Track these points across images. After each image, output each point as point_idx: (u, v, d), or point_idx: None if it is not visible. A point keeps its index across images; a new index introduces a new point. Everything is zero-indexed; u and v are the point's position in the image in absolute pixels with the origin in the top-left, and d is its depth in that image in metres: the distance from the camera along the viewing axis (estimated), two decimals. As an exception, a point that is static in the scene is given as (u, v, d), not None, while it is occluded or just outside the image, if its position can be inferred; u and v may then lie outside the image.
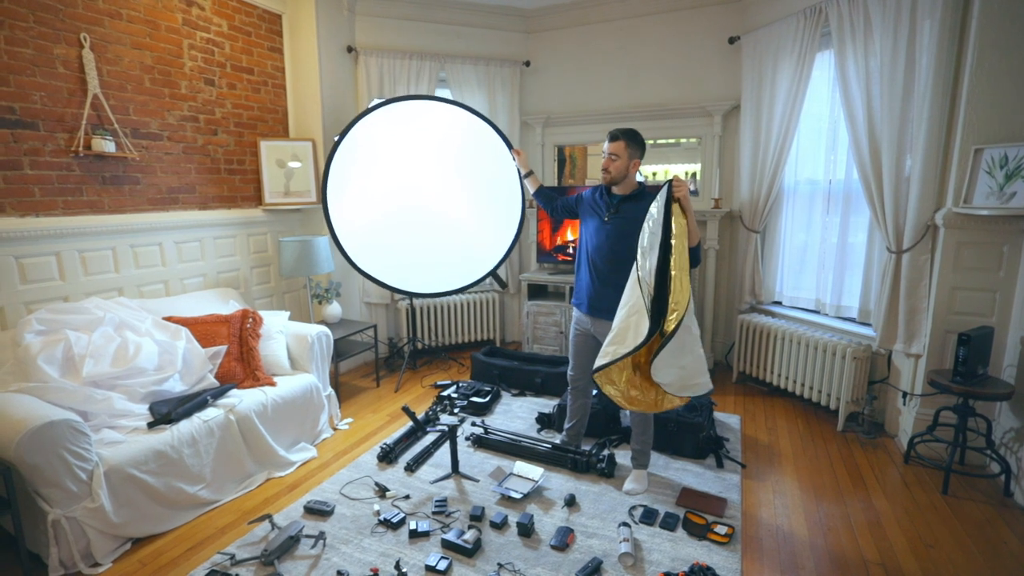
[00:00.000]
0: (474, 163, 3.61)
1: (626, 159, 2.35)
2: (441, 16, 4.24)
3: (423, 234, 3.70)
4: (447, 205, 3.70)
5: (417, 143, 3.59)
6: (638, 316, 2.07)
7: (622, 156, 2.35)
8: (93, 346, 2.37)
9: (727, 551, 2.09)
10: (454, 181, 3.67)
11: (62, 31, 2.61)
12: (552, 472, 2.66)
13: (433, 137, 3.59)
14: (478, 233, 3.72)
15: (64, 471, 1.95)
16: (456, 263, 3.75)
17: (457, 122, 3.54)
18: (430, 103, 3.54)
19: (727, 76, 3.93)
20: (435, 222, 3.70)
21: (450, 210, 3.70)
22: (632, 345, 2.04)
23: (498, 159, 3.44)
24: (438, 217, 3.70)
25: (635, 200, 2.38)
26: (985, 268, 2.57)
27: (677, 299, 2.00)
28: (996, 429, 2.61)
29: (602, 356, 2.14)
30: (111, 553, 2.09)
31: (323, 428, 3.10)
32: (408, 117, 3.53)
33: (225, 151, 3.50)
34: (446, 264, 3.75)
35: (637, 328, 2.06)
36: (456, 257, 3.75)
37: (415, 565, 2.02)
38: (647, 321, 2.03)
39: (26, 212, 2.54)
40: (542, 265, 4.56)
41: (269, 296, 3.84)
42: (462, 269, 3.76)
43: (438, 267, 3.75)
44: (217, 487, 2.46)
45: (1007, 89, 2.43)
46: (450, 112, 3.53)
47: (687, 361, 2.04)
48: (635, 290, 2.11)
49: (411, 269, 3.72)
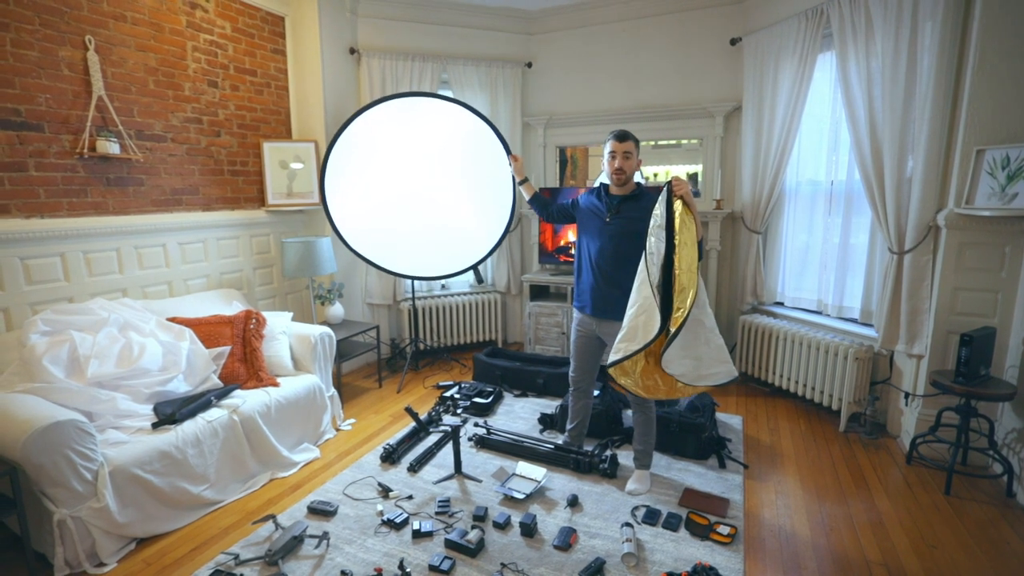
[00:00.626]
0: (472, 160, 3.67)
1: (635, 157, 2.41)
2: (443, 17, 4.26)
3: (417, 222, 3.79)
4: (442, 197, 3.78)
5: (417, 138, 3.65)
6: (647, 315, 2.08)
7: (633, 155, 2.40)
8: (98, 347, 2.38)
9: (730, 551, 2.09)
10: (452, 176, 3.76)
11: (67, 34, 2.62)
12: (555, 472, 2.67)
13: (433, 133, 3.66)
14: (470, 227, 3.81)
15: (69, 471, 1.96)
16: (447, 254, 3.86)
17: (458, 121, 3.60)
18: (434, 101, 3.58)
19: (729, 77, 3.94)
20: (430, 212, 3.79)
21: (446, 202, 3.79)
22: (643, 342, 2.06)
23: (495, 159, 3.53)
24: (433, 207, 3.79)
25: (635, 200, 2.40)
26: (987, 269, 2.58)
27: (683, 297, 2.02)
28: (998, 430, 2.62)
29: (614, 352, 2.15)
30: (116, 553, 2.10)
31: (326, 429, 3.11)
32: (409, 116, 3.57)
33: (228, 152, 3.51)
34: (438, 252, 3.84)
35: (647, 326, 2.08)
36: (447, 248, 3.84)
37: (418, 565, 2.03)
38: (658, 318, 2.05)
39: (31, 213, 2.55)
40: (544, 266, 4.56)
41: (272, 297, 3.85)
42: (452, 259, 3.88)
43: (430, 254, 3.85)
44: (221, 487, 2.47)
45: (1008, 90, 2.43)
46: (452, 113, 3.57)
47: (703, 351, 2.08)
48: (643, 290, 2.12)
49: (404, 255, 3.81)
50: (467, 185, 3.74)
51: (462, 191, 3.76)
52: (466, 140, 3.63)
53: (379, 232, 3.73)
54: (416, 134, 3.63)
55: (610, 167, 2.41)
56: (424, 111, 3.60)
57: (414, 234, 3.78)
